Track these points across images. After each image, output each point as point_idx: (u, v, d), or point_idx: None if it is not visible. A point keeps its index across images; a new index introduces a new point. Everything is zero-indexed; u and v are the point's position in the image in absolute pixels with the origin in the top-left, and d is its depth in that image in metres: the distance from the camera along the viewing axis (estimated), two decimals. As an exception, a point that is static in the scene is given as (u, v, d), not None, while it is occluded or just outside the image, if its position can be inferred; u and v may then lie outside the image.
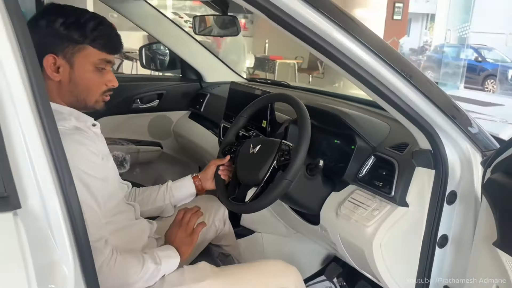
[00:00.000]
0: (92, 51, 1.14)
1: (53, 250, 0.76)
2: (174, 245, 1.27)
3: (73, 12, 1.14)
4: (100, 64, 1.16)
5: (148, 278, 1.16)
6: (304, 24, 1.01)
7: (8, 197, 0.69)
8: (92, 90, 1.18)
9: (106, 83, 1.19)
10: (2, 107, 0.72)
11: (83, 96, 1.18)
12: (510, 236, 1.03)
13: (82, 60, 1.13)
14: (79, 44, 1.12)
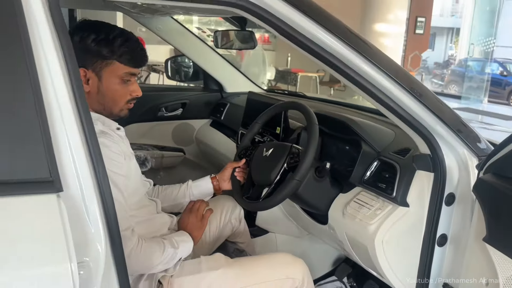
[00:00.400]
0: (119, 66, 1.27)
1: (88, 229, 0.89)
2: (187, 230, 1.42)
3: (103, 28, 1.27)
4: (125, 77, 1.29)
5: (167, 261, 1.29)
6: (318, 45, 1.15)
7: (53, 181, 0.83)
8: (118, 100, 1.32)
9: (131, 93, 1.32)
10: (50, 110, 0.86)
11: (110, 105, 1.31)
12: (496, 231, 1.13)
13: (109, 73, 1.27)
14: (107, 59, 1.25)
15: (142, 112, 2.41)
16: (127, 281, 0.97)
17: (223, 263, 1.37)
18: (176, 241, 1.34)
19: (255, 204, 1.51)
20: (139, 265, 1.23)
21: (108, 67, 1.27)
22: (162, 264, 1.29)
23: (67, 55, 0.90)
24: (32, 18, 0.87)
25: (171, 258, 1.30)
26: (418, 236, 1.42)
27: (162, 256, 1.27)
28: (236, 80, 2.60)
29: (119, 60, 1.27)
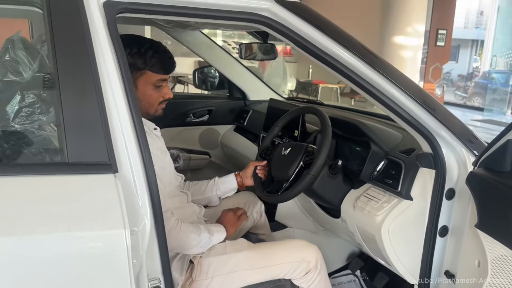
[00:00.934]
0: (151, 75, 1.47)
1: (137, 203, 1.09)
2: (224, 223, 1.61)
3: (136, 42, 1.46)
4: (157, 83, 1.49)
5: (202, 245, 1.48)
6: (333, 57, 1.34)
7: (111, 164, 1.03)
8: (152, 103, 1.52)
9: (163, 96, 1.52)
10: (109, 108, 1.06)
11: (146, 108, 1.51)
12: (485, 218, 1.29)
13: (144, 82, 1.47)
14: (141, 70, 1.45)
15: (172, 117, 2.62)
16: (166, 250, 1.16)
17: (246, 246, 1.55)
18: (212, 229, 1.53)
19: (274, 197, 1.70)
20: (177, 243, 1.42)
21: (142, 77, 1.46)
22: (199, 247, 1.48)
23: (121, 62, 1.11)
24: (95, 33, 1.08)
25: (206, 243, 1.49)
26: (421, 227, 1.57)
27: (198, 238, 1.46)
28: (258, 89, 2.79)
29: (151, 70, 1.46)
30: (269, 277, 1.52)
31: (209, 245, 1.51)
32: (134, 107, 1.11)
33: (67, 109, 1.02)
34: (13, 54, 1.20)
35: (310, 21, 1.33)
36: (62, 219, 0.97)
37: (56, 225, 0.96)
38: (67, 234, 0.97)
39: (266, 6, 1.29)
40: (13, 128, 1.20)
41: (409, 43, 5.04)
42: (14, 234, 0.92)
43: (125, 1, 1.15)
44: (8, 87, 1.20)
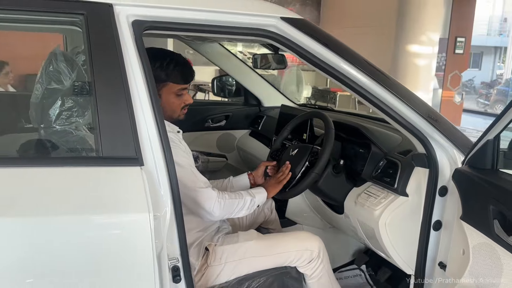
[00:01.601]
0: (173, 85, 1.65)
1: (159, 193, 1.27)
2: (265, 186, 1.80)
3: (159, 56, 1.64)
4: (179, 92, 1.67)
5: (248, 206, 1.68)
6: (335, 68, 1.51)
7: (137, 158, 1.23)
8: (175, 110, 1.70)
9: (184, 102, 1.71)
10: (136, 111, 1.25)
11: (169, 114, 1.70)
12: (468, 210, 1.44)
13: (167, 92, 1.65)
14: (164, 82, 1.63)
15: (191, 123, 2.82)
16: (184, 234, 1.34)
17: (255, 236, 1.73)
18: (252, 192, 1.72)
19: (283, 193, 1.87)
20: (226, 210, 1.61)
21: (165, 88, 1.65)
22: (245, 209, 1.67)
23: (147, 73, 1.30)
24: (125, 47, 1.27)
25: (251, 204, 1.68)
26: (417, 221, 1.72)
27: (243, 201, 1.65)
28: (272, 96, 2.98)
29: (173, 81, 1.65)
30: (276, 264, 1.69)
31: (254, 206, 1.71)
32: (158, 111, 1.30)
33: (102, 112, 1.22)
34: (56, 66, 1.41)
35: (312, 35, 1.51)
36: (95, 204, 1.17)
37: (90, 209, 1.15)
38: (100, 217, 1.16)
39: (272, 22, 1.47)
40: (55, 128, 1.41)
41: (423, 51, 5.16)
42: (56, 215, 1.12)
43: (151, 20, 1.34)
44: (51, 93, 1.41)
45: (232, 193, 1.67)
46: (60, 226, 1.12)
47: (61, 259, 1.13)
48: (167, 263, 1.30)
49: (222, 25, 1.43)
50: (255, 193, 1.72)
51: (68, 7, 1.23)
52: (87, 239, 1.15)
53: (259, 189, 1.78)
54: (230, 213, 1.64)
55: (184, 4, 1.38)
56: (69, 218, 1.13)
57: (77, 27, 1.29)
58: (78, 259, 1.14)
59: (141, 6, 1.32)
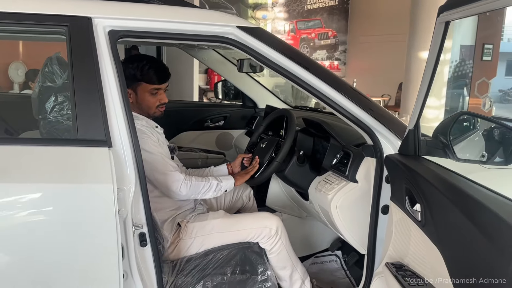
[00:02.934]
0: (146, 85, 1.94)
1: (125, 171, 1.56)
2: (235, 175, 2.07)
3: (138, 59, 1.93)
4: (153, 91, 1.95)
5: (215, 189, 1.94)
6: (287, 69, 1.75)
7: (107, 141, 1.52)
8: (150, 107, 1.98)
9: (159, 101, 1.98)
10: (107, 103, 1.55)
11: (145, 110, 1.98)
12: (394, 190, 1.64)
13: (141, 90, 1.94)
14: (138, 81, 1.93)
15: (192, 122, 3.13)
16: (149, 206, 1.61)
17: (222, 214, 1.99)
18: (220, 178, 1.98)
19: (252, 180, 2.12)
20: (191, 191, 1.87)
21: (139, 87, 1.95)
22: (211, 191, 1.93)
23: (119, 73, 1.59)
24: (100, 52, 1.57)
25: (217, 188, 1.94)
26: (367, 206, 1.92)
27: (208, 186, 1.91)
28: (267, 98, 3.24)
29: (146, 81, 1.94)
30: (239, 239, 1.94)
31: (221, 190, 1.96)
32: (127, 104, 1.59)
33: (79, 104, 1.52)
34: (50, 68, 1.74)
35: (266, 41, 1.76)
36: (72, 176, 1.47)
37: (66, 178, 1.45)
38: (75, 185, 1.46)
39: (230, 30, 1.74)
40: (50, 119, 1.73)
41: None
42: (36, 182, 1.42)
43: (124, 30, 1.64)
44: (46, 90, 1.74)
45: (200, 177, 1.94)
46: (44, 192, 1.43)
47: (36, 220, 1.43)
48: (132, 228, 1.58)
49: (185, 33, 1.71)
50: (223, 179, 1.98)
51: (54, 20, 1.55)
52: (59, 204, 1.45)
53: (228, 176, 2.04)
54: (197, 193, 1.90)
55: (153, 16, 1.67)
56: (43, 186, 1.43)
57: (62, 36, 1.60)
58: (48, 224, 1.44)
59: (116, 19, 1.62)
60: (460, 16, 1.21)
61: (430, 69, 1.42)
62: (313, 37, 10.19)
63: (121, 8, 1.65)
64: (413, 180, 1.46)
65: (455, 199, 1.23)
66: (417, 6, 5.30)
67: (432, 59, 1.40)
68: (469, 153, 1.83)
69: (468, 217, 1.14)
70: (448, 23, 1.29)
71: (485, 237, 1.07)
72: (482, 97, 9.30)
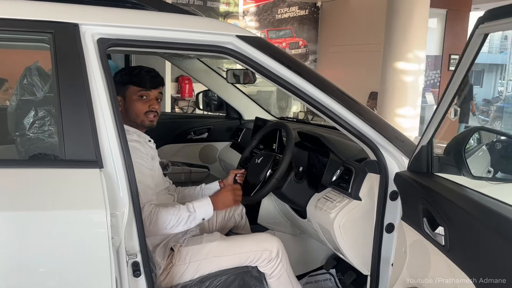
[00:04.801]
0: (134, 88, 1.82)
1: (118, 194, 1.40)
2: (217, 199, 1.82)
3: (129, 68, 1.82)
4: (140, 94, 1.82)
5: (187, 222, 1.71)
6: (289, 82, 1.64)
7: (97, 161, 1.36)
8: (138, 113, 1.84)
9: (148, 106, 1.84)
10: (98, 119, 1.40)
11: (133, 117, 1.84)
12: (406, 210, 1.55)
13: (129, 94, 1.82)
14: (127, 84, 1.81)
15: (174, 135, 2.97)
16: (143, 233, 1.46)
17: (218, 237, 1.85)
18: (194, 206, 1.75)
19: (247, 198, 1.99)
20: (157, 226, 1.68)
21: (128, 90, 1.83)
22: (181, 225, 1.71)
23: (109, 85, 1.44)
24: (89, 62, 1.42)
25: (190, 219, 1.72)
26: (370, 224, 1.83)
27: (176, 217, 1.69)
28: (252, 109, 3.12)
29: (134, 83, 1.82)
30: (237, 264, 1.81)
31: (195, 220, 1.74)
32: (119, 120, 1.44)
33: (66, 120, 1.35)
34: (29, 79, 1.56)
35: (267, 52, 1.65)
36: (59, 202, 1.30)
37: (54, 205, 1.29)
38: (63, 212, 1.30)
39: (229, 40, 1.61)
40: (29, 136, 1.55)
41: (410, 68, 5.29)
42: (18, 210, 1.25)
43: (114, 38, 1.49)
44: (25, 104, 1.56)
45: (168, 208, 1.72)
46: (21, 221, 1.25)
47: (20, 254, 1.26)
48: (125, 257, 1.42)
49: (181, 42, 1.58)
50: (197, 207, 1.76)
51: (38, 26, 1.38)
52: (50, 233, 1.28)
53: (203, 202, 1.80)
54: (163, 228, 1.70)
55: (147, 24, 1.53)
56: (29, 214, 1.26)
57: (46, 44, 1.44)
58: (38, 253, 1.28)
59: (105, 26, 1.47)
60: (500, 28, 1.13)
61: (457, 82, 1.33)
62: (284, 46, 10.16)
63: (111, 14, 1.51)
64: (432, 201, 1.37)
65: (489, 222, 1.14)
66: (393, 16, 5.32)
67: (462, 71, 1.31)
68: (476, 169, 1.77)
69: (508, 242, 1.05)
70: (487, 35, 1.21)
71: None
72: (450, 106, 9.45)
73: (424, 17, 5.32)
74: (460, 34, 9.14)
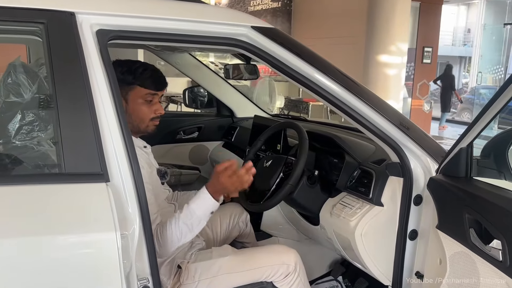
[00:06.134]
0: (140, 89, 1.57)
1: (127, 210, 1.21)
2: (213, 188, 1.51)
3: (127, 63, 1.58)
4: (147, 97, 1.58)
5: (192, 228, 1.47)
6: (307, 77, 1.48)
7: (103, 174, 1.16)
8: (143, 118, 1.60)
9: (155, 112, 1.62)
10: (101, 125, 1.19)
11: (137, 123, 1.61)
12: (444, 219, 1.42)
13: (134, 96, 1.57)
14: (131, 85, 1.56)
15: (162, 135, 2.76)
16: (154, 253, 1.28)
17: (230, 251, 1.67)
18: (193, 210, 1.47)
19: (257, 205, 1.82)
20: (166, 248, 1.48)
21: (132, 91, 1.57)
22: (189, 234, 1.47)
23: (112, 84, 1.24)
24: (89, 58, 1.21)
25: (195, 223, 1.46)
26: (392, 231, 1.70)
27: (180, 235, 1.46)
28: (245, 106, 2.94)
29: (140, 84, 1.57)
30: (252, 280, 1.64)
31: (199, 224, 1.48)
32: (124, 123, 1.24)
33: (64, 126, 1.15)
34: (14, 78, 1.34)
35: (284, 45, 1.48)
36: (59, 224, 1.10)
37: (55, 229, 1.08)
38: (64, 237, 1.09)
39: (243, 31, 1.44)
40: (14, 144, 1.33)
41: (392, 61, 5.23)
42: (17, 236, 1.04)
43: (116, 30, 1.29)
44: (10, 107, 1.33)
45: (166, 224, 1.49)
46: (22, 248, 1.05)
47: (24, 284, 1.05)
48: (137, 283, 1.23)
49: (191, 34, 1.39)
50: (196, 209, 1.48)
51: (27, 15, 1.17)
52: (51, 262, 1.08)
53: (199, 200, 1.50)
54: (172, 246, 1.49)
55: (153, 13, 1.34)
56: (31, 240, 1.05)
57: (37, 36, 1.22)
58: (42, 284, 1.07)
59: (106, 15, 1.27)
60: None
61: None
62: (257, 39, 9.98)
63: (112, 1, 1.30)
64: (482, 210, 1.23)
65: None
66: (375, 9, 5.23)
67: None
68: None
69: None
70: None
71: None
72: (424, 98, 9.58)
73: (406, 9, 5.27)
74: (432, 27, 9.20)
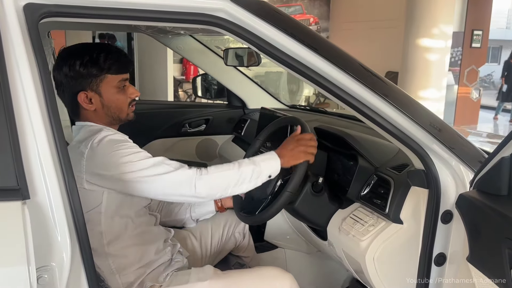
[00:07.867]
0: (111, 77, 1.36)
1: (54, 235, 0.95)
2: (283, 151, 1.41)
3: (84, 50, 1.36)
4: (120, 84, 1.38)
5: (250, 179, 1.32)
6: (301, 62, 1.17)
7: (20, 189, 0.90)
8: (121, 107, 1.41)
9: (130, 96, 1.42)
10: (20, 121, 0.93)
11: (117, 114, 1.41)
12: (476, 250, 1.08)
13: (106, 87, 1.36)
14: (99, 76, 1.34)
15: (165, 128, 2.50)
16: (96, 281, 1.02)
17: (211, 275, 1.38)
18: (256, 160, 1.36)
19: (251, 217, 1.53)
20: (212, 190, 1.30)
21: (103, 82, 1.36)
22: (247, 182, 1.32)
23: (42, 73, 0.97)
24: (9, 41, 0.95)
25: (255, 175, 1.33)
26: (414, 255, 1.37)
27: (238, 172, 1.30)
28: (258, 96, 2.63)
29: (109, 73, 1.35)
30: (236, 310, 1.35)
31: (259, 177, 1.34)
32: (56, 124, 0.97)
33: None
34: None
35: (273, 22, 1.17)
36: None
37: None
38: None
39: (219, 5, 1.13)
40: None
41: (435, 45, 4.74)
42: None
43: (51, 4, 1.02)
44: None
45: (226, 164, 1.35)
46: None
47: None
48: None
49: (151, 9, 1.10)
50: (260, 161, 1.35)
51: None
52: None
53: (266, 154, 1.40)
54: (224, 189, 1.31)
55: (99, -17, 1.05)
56: None
57: None
58: None
59: (36, -15, 1.00)
60: None
61: None
62: (294, 24, 9.63)
63: (43, -33, 1.03)
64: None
65: None
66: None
67: None
68: None
69: None
70: None
71: None
72: (472, 85, 8.93)
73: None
74: (483, 7, 8.52)
